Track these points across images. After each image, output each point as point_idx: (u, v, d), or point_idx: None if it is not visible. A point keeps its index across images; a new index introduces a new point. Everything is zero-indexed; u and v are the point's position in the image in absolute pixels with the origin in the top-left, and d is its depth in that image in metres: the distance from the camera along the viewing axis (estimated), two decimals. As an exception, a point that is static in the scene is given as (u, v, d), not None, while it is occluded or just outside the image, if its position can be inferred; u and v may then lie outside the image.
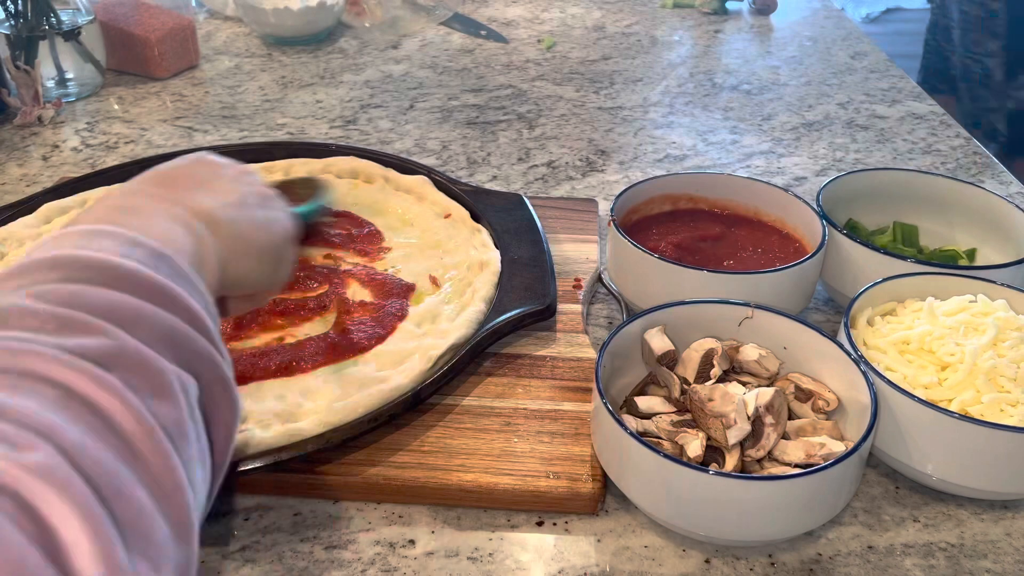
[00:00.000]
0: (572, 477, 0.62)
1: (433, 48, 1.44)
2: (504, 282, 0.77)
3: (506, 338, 0.73)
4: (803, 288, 0.76)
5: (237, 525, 0.61)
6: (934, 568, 0.59)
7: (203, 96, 1.26)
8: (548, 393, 0.69)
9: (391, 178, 0.92)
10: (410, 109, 1.23)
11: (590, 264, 0.85)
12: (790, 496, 0.55)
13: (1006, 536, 0.61)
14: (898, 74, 1.35)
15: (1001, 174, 1.07)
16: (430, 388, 0.66)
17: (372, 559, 0.58)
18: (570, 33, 1.51)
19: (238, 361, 0.68)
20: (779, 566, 0.58)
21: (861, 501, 0.63)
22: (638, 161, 1.09)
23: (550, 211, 0.91)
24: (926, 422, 0.59)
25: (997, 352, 0.63)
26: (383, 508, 0.62)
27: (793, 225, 0.82)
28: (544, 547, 0.60)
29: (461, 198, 0.88)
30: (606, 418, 0.58)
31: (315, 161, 0.95)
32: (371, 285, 0.78)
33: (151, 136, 1.14)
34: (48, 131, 1.15)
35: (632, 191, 0.82)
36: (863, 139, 1.15)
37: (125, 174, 0.93)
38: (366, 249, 0.83)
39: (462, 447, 0.64)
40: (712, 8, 1.59)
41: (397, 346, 0.71)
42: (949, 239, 0.86)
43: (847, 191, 0.84)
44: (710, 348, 0.65)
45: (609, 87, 1.30)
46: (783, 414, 0.61)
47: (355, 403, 0.63)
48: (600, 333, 0.79)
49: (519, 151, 1.11)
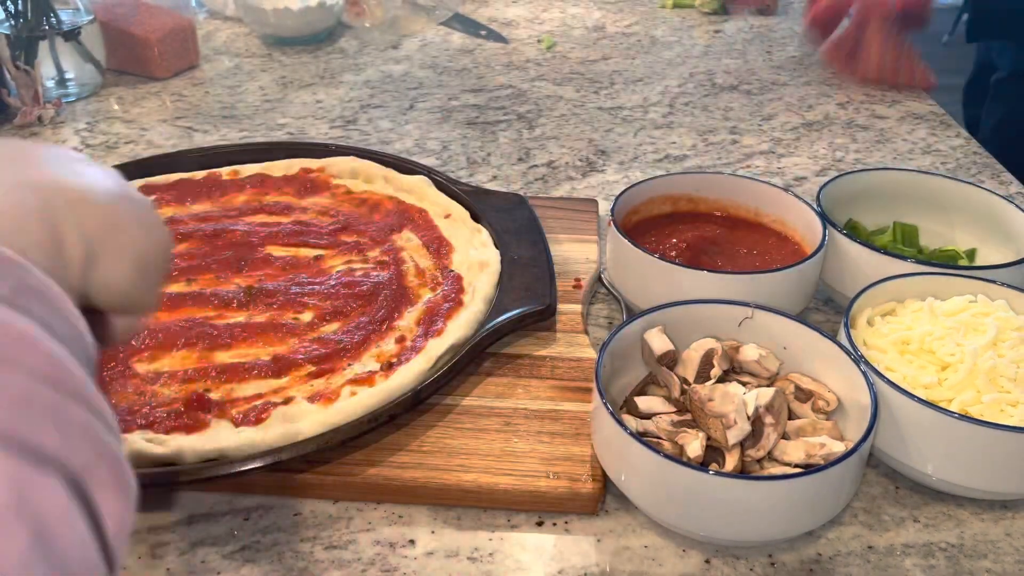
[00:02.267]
0: (572, 477, 0.62)
1: (433, 48, 1.44)
2: (504, 282, 0.77)
3: (506, 338, 0.73)
4: (803, 288, 0.76)
5: (237, 525, 0.61)
6: (934, 568, 0.59)
7: (203, 96, 1.26)
8: (548, 393, 0.69)
9: (391, 178, 0.92)
10: (410, 109, 1.23)
11: (590, 264, 0.85)
12: (790, 496, 0.55)
13: (1006, 536, 0.61)
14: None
15: (1001, 174, 1.07)
16: (430, 388, 0.66)
17: (372, 559, 0.58)
18: (570, 33, 1.51)
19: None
20: (779, 566, 0.58)
21: (861, 501, 0.63)
22: (638, 161, 1.09)
23: (550, 211, 0.91)
24: (926, 422, 0.59)
25: (997, 352, 0.63)
26: (383, 508, 0.62)
27: (793, 225, 0.82)
28: (544, 547, 0.60)
29: (461, 198, 0.88)
30: (606, 418, 0.58)
31: (314, 161, 0.95)
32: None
33: (151, 136, 1.14)
34: (48, 131, 1.15)
35: (632, 191, 0.82)
36: (863, 139, 1.15)
37: (125, 174, 0.93)
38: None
39: (462, 447, 0.64)
40: (712, 8, 1.59)
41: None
42: (949, 239, 0.86)
43: (847, 191, 0.84)
44: (710, 348, 0.65)
45: (609, 87, 1.30)
46: (783, 414, 0.61)
47: (355, 403, 0.63)
48: (600, 333, 0.79)
49: (519, 151, 1.11)
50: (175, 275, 0.78)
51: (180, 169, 0.94)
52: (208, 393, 0.66)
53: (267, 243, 0.83)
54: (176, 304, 0.75)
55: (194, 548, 0.59)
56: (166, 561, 0.58)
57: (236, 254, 0.81)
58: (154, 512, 0.61)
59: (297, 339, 0.71)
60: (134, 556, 0.58)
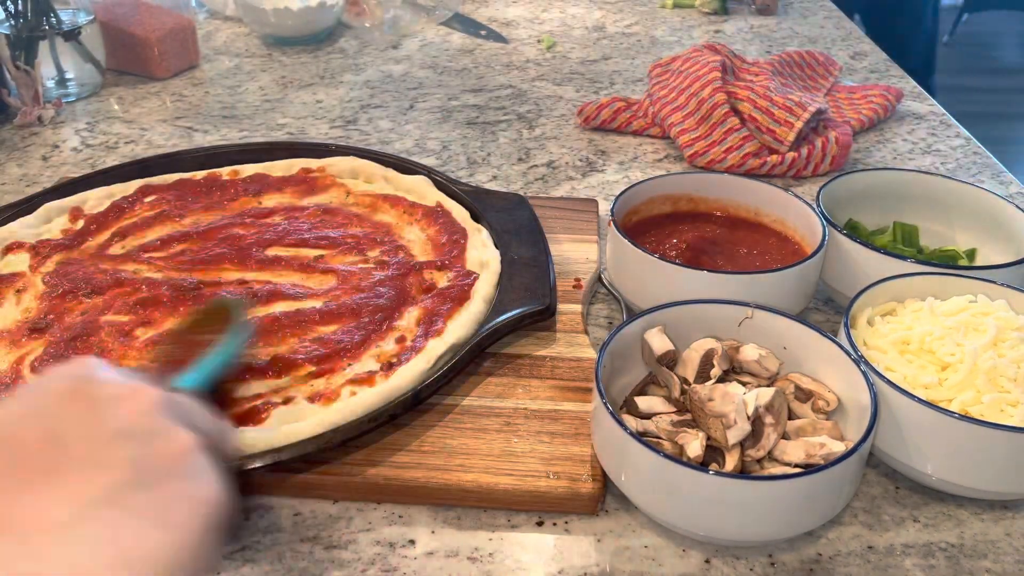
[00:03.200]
0: (572, 477, 0.62)
1: (433, 48, 1.44)
2: (504, 282, 0.77)
3: (506, 338, 0.73)
4: (803, 288, 0.76)
5: (237, 525, 0.61)
6: (934, 568, 0.59)
7: (203, 96, 1.26)
8: (548, 393, 0.69)
9: (391, 178, 0.92)
10: (410, 109, 1.23)
11: (590, 264, 0.85)
12: (790, 496, 0.55)
13: (1006, 536, 0.61)
14: (898, 74, 1.35)
15: (1001, 174, 1.07)
16: (430, 388, 0.66)
17: (372, 559, 0.58)
18: (570, 33, 1.51)
19: None
20: (779, 566, 0.58)
21: (861, 501, 0.63)
22: (638, 161, 1.09)
23: (550, 211, 0.91)
24: (926, 422, 0.59)
25: (997, 352, 0.63)
26: (383, 508, 0.62)
27: (793, 225, 0.82)
28: (544, 547, 0.60)
29: (461, 198, 0.88)
30: (606, 418, 0.58)
31: (314, 161, 0.95)
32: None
33: (151, 136, 1.14)
34: (48, 131, 1.15)
35: (632, 191, 0.82)
36: (863, 139, 1.15)
37: (125, 174, 0.93)
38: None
39: (462, 447, 0.64)
40: (712, 8, 1.59)
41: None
42: (949, 239, 0.86)
43: (847, 191, 0.84)
44: (710, 348, 0.65)
45: (609, 87, 1.30)
46: (783, 414, 0.61)
47: (355, 403, 0.63)
48: (600, 333, 0.79)
49: (519, 151, 1.11)
50: (175, 273, 0.78)
51: (180, 169, 0.94)
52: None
53: (267, 244, 0.83)
54: (176, 304, 0.75)
55: (194, 548, 0.59)
56: (166, 561, 0.58)
57: (237, 255, 0.81)
58: (154, 512, 0.61)
59: (297, 339, 0.71)
60: (134, 556, 0.58)
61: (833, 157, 1.04)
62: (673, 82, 1.12)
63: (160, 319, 0.74)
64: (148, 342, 0.71)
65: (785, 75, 1.20)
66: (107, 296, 0.76)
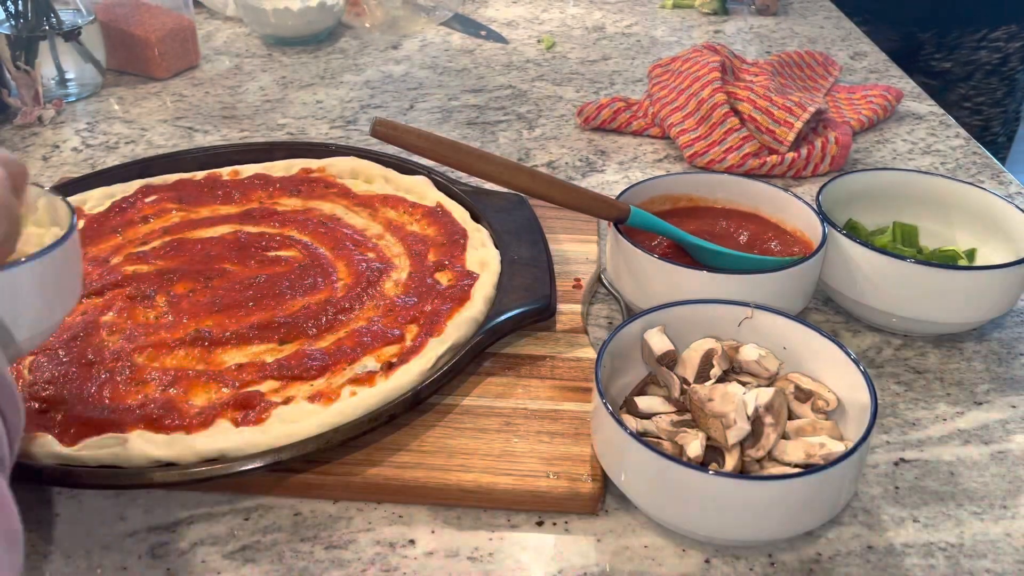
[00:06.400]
0: (572, 477, 0.62)
1: (433, 48, 1.44)
2: (504, 282, 0.77)
3: (506, 338, 0.73)
4: (803, 288, 0.76)
5: (237, 525, 0.61)
6: (934, 568, 0.59)
7: (203, 96, 1.26)
8: (548, 393, 0.69)
9: (391, 178, 0.92)
10: (410, 109, 1.23)
11: (590, 264, 0.85)
12: (790, 496, 0.55)
13: (1006, 536, 0.61)
14: (898, 74, 1.35)
15: (1001, 174, 1.07)
16: (430, 388, 0.66)
17: (372, 559, 0.59)
18: (570, 33, 1.51)
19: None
20: (779, 566, 0.58)
21: (861, 501, 0.64)
22: (638, 161, 1.09)
23: (550, 211, 0.91)
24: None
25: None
26: (383, 508, 0.62)
27: (793, 225, 0.82)
28: (544, 547, 0.60)
29: (461, 198, 0.88)
30: (606, 418, 0.58)
31: (315, 161, 0.95)
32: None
33: (151, 136, 1.14)
34: (48, 131, 1.15)
35: (632, 191, 0.82)
36: (863, 139, 1.15)
37: (125, 174, 0.93)
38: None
39: (462, 447, 0.64)
40: (712, 8, 1.59)
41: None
42: (949, 239, 0.86)
43: (847, 191, 0.84)
44: (710, 348, 0.65)
45: (609, 87, 1.30)
46: (783, 414, 0.61)
47: (355, 403, 0.63)
48: (600, 333, 0.79)
49: (519, 151, 1.11)
50: (172, 279, 0.78)
51: (180, 169, 0.94)
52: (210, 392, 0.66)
53: (267, 245, 0.83)
54: (175, 303, 0.75)
55: (194, 548, 0.59)
56: (166, 561, 0.58)
57: (238, 255, 0.81)
58: (154, 512, 0.61)
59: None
60: (134, 556, 0.58)
61: (833, 157, 1.04)
62: (673, 82, 1.12)
63: (159, 319, 0.73)
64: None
65: (785, 75, 1.20)
66: (107, 296, 0.76)
